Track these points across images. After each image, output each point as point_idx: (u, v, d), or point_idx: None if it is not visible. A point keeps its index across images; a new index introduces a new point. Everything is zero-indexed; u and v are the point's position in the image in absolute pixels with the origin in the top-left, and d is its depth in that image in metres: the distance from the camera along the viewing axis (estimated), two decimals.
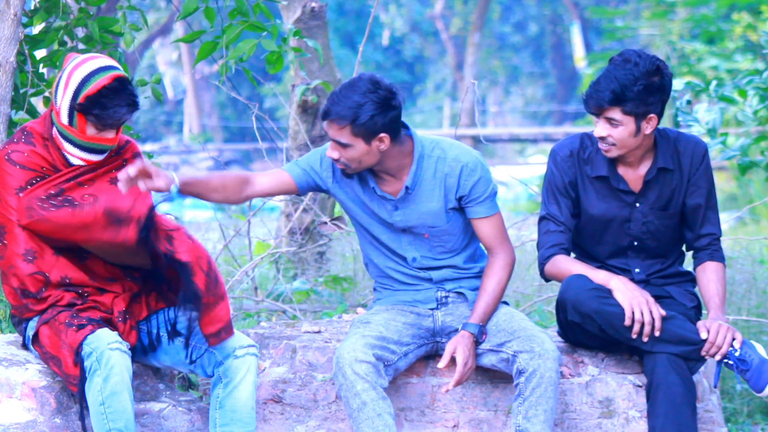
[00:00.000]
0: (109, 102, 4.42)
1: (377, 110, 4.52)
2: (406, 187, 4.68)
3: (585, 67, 31.98)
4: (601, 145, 4.67)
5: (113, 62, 4.52)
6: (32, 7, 6.01)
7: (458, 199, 4.71)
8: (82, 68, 4.45)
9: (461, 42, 36.01)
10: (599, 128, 4.63)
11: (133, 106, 4.44)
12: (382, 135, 4.56)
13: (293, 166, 4.75)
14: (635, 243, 4.80)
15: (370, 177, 4.70)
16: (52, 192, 4.50)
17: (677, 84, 7.33)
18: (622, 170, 4.75)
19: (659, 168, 4.72)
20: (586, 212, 4.80)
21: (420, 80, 40.06)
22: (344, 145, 4.56)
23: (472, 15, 32.81)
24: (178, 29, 26.24)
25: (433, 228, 4.73)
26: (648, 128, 4.63)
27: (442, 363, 4.60)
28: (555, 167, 4.80)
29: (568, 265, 4.74)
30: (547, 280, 4.88)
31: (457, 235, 4.76)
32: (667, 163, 4.72)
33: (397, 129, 4.60)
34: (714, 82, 7.63)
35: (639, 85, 4.55)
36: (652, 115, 4.61)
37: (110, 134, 4.49)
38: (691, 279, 4.92)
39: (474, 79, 13.80)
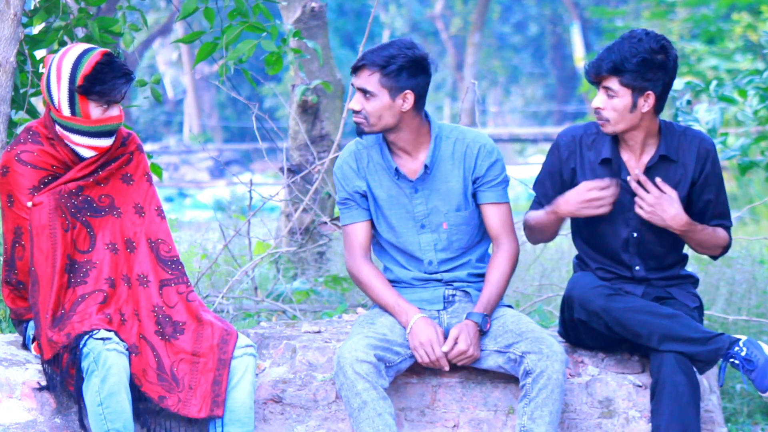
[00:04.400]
0: (107, 76, 4.44)
1: (408, 65, 4.62)
2: (426, 166, 4.73)
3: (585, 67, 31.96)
4: (598, 120, 4.71)
5: (92, 45, 4.55)
6: (32, 7, 6.01)
7: (473, 181, 4.77)
8: (68, 56, 4.48)
9: (461, 42, 36.01)
10: (596, 99, 4.71)
11: (128, 75, 4.47)
12: (407, 92, 4.64)
13: (352, 212, 4.81)
14: (634, 234, 4.80)
15: (390, 158, 4.76)
16: (72, 190, 4.52)
17: (677, 84, 7.33)
18: (625, 156, 4.77)
19: (661, 155, 4.74)
20: None
21: None
22: (369, 95, 4.63)
23: (472, 15, 32.81)
24: (178, 29, 26.26)
25: (452, 214, 4.76)
26: (645, 106, 4.66)
27: (446, 347, 4.61)
28: (556, 150, 4.86)
29: (532, 214, 4.86)
30: (532, 241, 4.95)
31: (473, 228, 4.80)
32: (670, 153, 4.74)
33: (422, 96, 4.69)
34: (714, 82, 7.64)
35: (638, 58, 4.60)
36: (649, 92, 4.64)
37: (115, 111, 4.51)
38: (692, 281, 4.93)
39: (474, 79, 13.80)
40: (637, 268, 4.83)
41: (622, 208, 4.78)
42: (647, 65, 4.61)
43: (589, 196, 4.69)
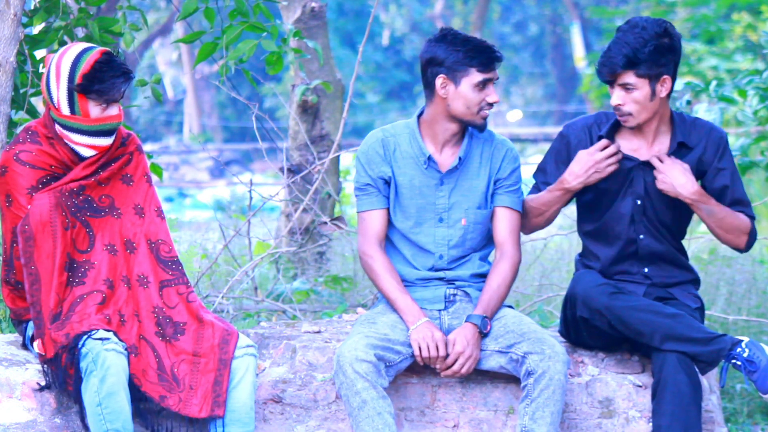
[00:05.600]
0: (106, 75, 4.45)
1: None
2: (460, 158, 4.77)
3: (585, 67, 31.99)
4: (619, 117, 4.71)
5: (92, 44, 4.55)
6: (32, 7, 6.01)
7: (495, 181, 4.81)
8: (68, 54, 4.48)
9: None
10: (614, 97, 4.69)
11: (128, 74, 4.47)
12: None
13: (371, 199, 4.81)
14: (638, 202, 4.75)
15: (423, 145, 4.79)
16: (74, 189, 4.52)
17: (677, 84, 7.33)
18: (636, 144, 4.76)
19: (679, 142, 4.74)
20: (593, 187, 4.79)
21: (420, 80, 40.04)
22: None
23: (472, 15, 32.81)
24: (178, 29, 26.25)
25: (473, 211, 4.78)
26: (663, 91, 4.67)
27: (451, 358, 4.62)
28: (564, 138, 4.85)
29: (532, 196, 4.87)
30: (527, 228, 4.93)
31: (486, 228, 4.82)
32: (686, 139, 4.74)
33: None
34: (714, 82, 7.63)
35: (650, 47, 4.60)
36: (665, 76, 4.66)
37: (114, 110, 4.51)
38: (694, 282, 4.92)
39: None
40: (642, 236, 4.79)
41: (624, 183, 4.76)
42: (659, 51, 4.62)
43: (595, 158, 4.68)
